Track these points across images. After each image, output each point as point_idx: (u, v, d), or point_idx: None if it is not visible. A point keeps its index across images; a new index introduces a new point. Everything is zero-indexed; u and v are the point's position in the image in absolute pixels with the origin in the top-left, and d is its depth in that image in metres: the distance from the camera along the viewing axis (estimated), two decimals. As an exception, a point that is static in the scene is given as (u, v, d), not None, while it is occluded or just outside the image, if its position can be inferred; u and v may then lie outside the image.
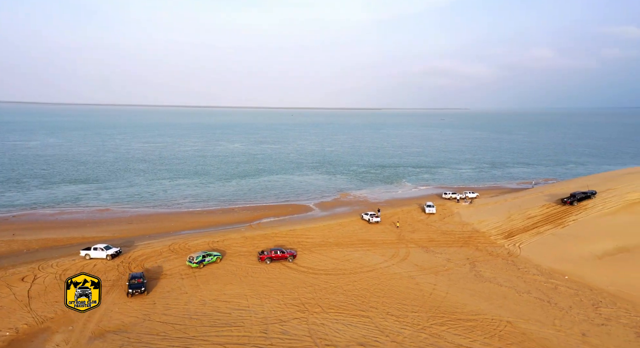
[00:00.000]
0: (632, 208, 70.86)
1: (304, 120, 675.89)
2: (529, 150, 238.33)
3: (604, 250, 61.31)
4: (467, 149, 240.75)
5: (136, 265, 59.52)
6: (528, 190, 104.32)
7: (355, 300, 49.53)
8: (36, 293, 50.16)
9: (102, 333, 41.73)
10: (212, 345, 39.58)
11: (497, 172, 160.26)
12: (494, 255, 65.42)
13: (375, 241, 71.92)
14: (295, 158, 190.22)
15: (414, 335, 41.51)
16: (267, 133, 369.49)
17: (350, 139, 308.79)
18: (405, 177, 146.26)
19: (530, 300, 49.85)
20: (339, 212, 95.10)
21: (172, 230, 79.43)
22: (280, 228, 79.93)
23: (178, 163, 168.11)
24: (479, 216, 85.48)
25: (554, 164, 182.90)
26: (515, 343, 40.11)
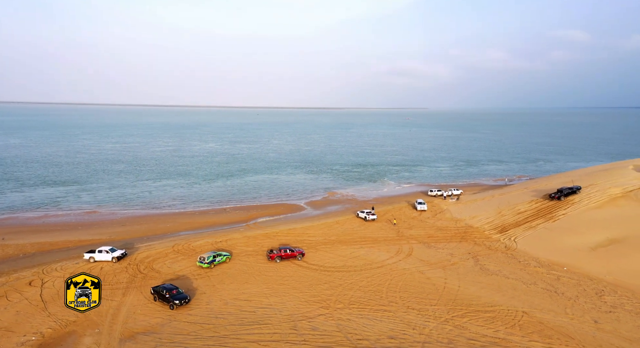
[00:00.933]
0: (616, 202, 75.04)
1: (272, 119, 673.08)
2: (498, 148, 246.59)
3: (597, 242, 64.83)
4: (441, 148, 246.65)
5: (145, 267, 58.55)
6: (512, 186, 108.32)
7: (374, 295, 50.57)
8: (50, 297, 48.73)
9: (132, 334, 41.12)
10: (246, 343, 39.71)
11: (472, 169, 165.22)
12: (492, 249, 67.95)
13: (376, 239, 73.24)
14: (275, 158, 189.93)
15: (439, 328, 42.88)
16: (239, 132, 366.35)
17: (324, 138, 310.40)
18: (387, 175, 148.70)
19: (538, 291, 52.24)
20: (331, 210, 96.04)
21: (170, 231, 78.25)
22: (279, 227, 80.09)
23: (157, 164, 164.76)
24: (469, 212, 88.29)
25: (524, 161, 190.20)
26: (535, 332, 42.11)
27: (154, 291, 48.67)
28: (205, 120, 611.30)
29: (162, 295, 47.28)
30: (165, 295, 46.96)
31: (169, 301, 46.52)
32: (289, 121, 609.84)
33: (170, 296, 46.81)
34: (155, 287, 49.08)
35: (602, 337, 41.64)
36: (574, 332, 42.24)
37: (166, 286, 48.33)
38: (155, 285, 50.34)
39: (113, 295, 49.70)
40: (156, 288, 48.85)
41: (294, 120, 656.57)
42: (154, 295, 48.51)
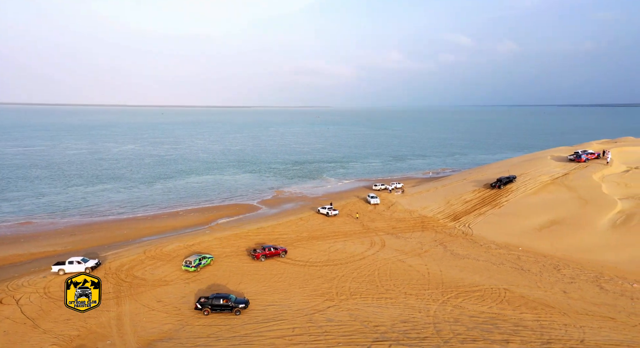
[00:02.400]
0: (547, 188, 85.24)
1: (182, 119, 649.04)
2: (416, 144, 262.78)
3: (540, 224, 73.53)
4: (365, 145, 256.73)
5: (125, 275, 55.86)
6: (450, 178, 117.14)
7: (369, 285, 53.30)
8: (34, 313, 45.13)
9: (149, 343, 39.85)
10: (272, 339, 40.34)
11: (401, 164, 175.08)
12: (453, 236, 74.04)
13: (346, 232, 76.08)
14: (209, 158, 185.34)
15: (441, 309, 46.74)
16: (154, 132, 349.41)
17: (248, 137, 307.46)
18: (325, 172, 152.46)
19: (508, 270, 58.52)
20: (288, 208, 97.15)
21: (131, 238, 74.47)
22: (245, 227, 79.78)
23: (79, 168, 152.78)
24: (419, 204, 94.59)
25: (444, 155, 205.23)
26: (522, 305, 47.59)
27: (207, 305, 45.29)
28: (109, 120, 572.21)
29: (220, 306, 45.01)
30: (228, 304, 45.07)
31: (233, 309, 45.03)
32: (202, 121, 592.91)
33: (234, 304, 45.27)
34: (206, 300, 45.70)
35: (574, 303, 48.23)
36: (551, 302, 48.39)
37: (219, 295, 46.10)
38: (202, 297, 46.58)
39: (106, 305, 47.04)
40: (207, 301, 45.59)
41: (207, 119, 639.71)
42: (205, 308, 45.21)
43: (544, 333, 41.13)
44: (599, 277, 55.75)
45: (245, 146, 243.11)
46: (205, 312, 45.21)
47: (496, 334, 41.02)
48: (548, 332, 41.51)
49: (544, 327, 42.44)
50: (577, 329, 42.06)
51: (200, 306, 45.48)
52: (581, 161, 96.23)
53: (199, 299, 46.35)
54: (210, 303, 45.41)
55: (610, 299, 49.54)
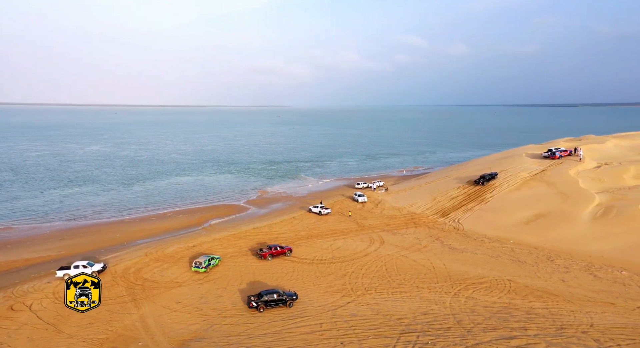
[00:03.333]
0: (528, 184, 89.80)
1: (138, 118, 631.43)
2: (385, 143, 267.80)
3: (527, 218, 77.53)
4: (335, 144, 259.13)
5: (135, 278, 55.03)
6: (430, 176, 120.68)
7: (381, 280, 54.84)
8: (53, 318, 43.97)
9: (182, 342, 39.88)
10: (303, 335, 41.09)
11: (375, 163, 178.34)
12: (446, 231, 76.86)
13: (342, 230, 77.41)
14: (181, 159, 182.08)
15: (455, 300, 48.87)
16: (116, 133, 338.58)
17: (217, 138, 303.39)
18: (302, 171, 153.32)
19: (506, 262, 61.59)
20: (278, 208, 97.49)
21: (126, 241, 72.96)
22: (241, 227, 79.71)
23: (47, 171, 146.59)
24: (406, 201, 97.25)
25: (414, 153, 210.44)
26: (528, 294, 50.44)
27: (261, 302, 46.11)
28: (59, 120, 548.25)
29: (275, 300, 46.31)
30: (282, 298, 46.66)
31: (286, 302, 46.74)
32: (160, 121, 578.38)
33: (286, 297, 46.95)
34: (258, 297, 46.51)
35: (574, 291, 51.57)
36: (554, 291, 51.54)
37: (271, 290, 47.19)
38: (252, 296, 47.40)
39: (126, 308, 46.53)
40: (260, 298, 46.38)
41: (165, 119, 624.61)
42: (260, 305, 46.00)
43: (556, 320, 43.90)
44: (590, 266, 59.66)
45: (216, 146, 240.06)
46: (260, 309, 46.06)
47: (512, 322, 43.40)
48: (559, 318, 44.32)
49: (554, 314, 45.25)
50: (584, 315, 45.11)
51: (255, 304, 46.03)
52: (555, 158, 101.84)
53: (250, 298, 46.93)
54: (265, 300, 46.22)
55: (605, 286, 53.24)
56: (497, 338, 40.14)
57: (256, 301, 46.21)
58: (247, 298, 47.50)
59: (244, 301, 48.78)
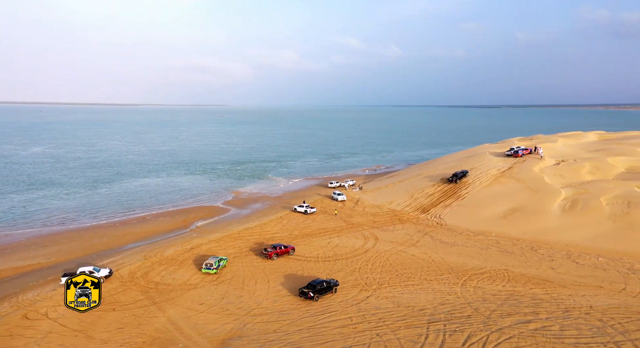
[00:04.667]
0: (499, 181, 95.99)
1: (68, 118, 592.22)
2: (341, 142, 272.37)
3: (503, 212, 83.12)
4: (293, 143, 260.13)
5: (146, 281, 53.85)
6: (401, 174, 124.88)
7: (389, 274, 57.21)
8: (78, 326, 42.50)
9: (221, 341, 40.23)
10: (337, 329, 42.41)
11: (337, 162, 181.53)
12: (432, 226, 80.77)
13: (334, 229, 79.15)
14: (140, 160, 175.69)
15: (465, 290, 52.16)
16: (51, 133, 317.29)
17: (168, 138, 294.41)
18: (268, 171, 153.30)
19: (496, 253, 66.09)
20: (259, 208, 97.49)
21: (116, 246, 70.65)
22: (231, 228, 79.42)
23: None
24: (383, 199, 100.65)
25: (372, 152, 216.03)
26: (527, 282, 54.74)
27: (316, 291, 49.00)
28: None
29: (324, 288, 49.86)
30: (330, 286, 50.69)
31: (332, 288, 50.71)
32: (97, 120, 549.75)
33: (332, 284, 51.10)
34: (312, 288, 49.31)
35: (565, 277, 56.61)
36: (548, 277, 56.30)
37: (317, 280, 50.71)
38: (303, 288, 49.95)
39: (149, 311, 45.86)
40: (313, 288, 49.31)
41: (99, 118, 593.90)
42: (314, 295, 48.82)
43: (559, 304, 48.17)
44: (570, 254, 65.46)
45: (172, 147, 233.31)
46: (316, 298, 48.85)
47: (523, 308, 47.17)
48: (561, 302, 48.65)
49: (556, 299, 49.60)
50: (581, 298, 49.82)
51: (312, 294, 48.68)
52: (518, 156, 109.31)
53: (303, 290, 49.53)
54: (318, 289, 49.17)
55: (589, 271, 58.82)
56: (515, 322, 43.55)
57: (312, 291, 48.78)
58: (299, 290, 50.03)
59: (267, 299, 49.28)
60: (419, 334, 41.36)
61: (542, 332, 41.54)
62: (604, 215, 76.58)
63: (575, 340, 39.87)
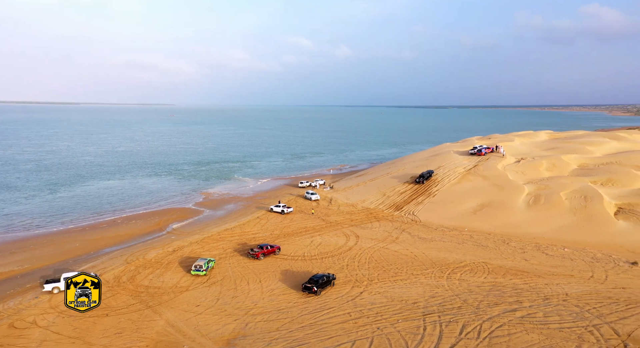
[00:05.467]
0: (467, 178, 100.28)
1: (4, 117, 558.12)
2: (302, 142, 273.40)
3: (473, 208, 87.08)
4: (254, 143, 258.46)
5: (134, 285, 52.64)
6: (369, 172, 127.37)
7: (377, 270, 58.82)
8: (73, 333, 41.48)
9: (227, 342, 40.25)
10: (338, 324, 43.44)
11: (302, 162, 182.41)
12: (407, 223, 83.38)
13: (313, 228, 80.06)
14: (97, 162, 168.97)
15: (450, 283, 54.54)
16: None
17: (122, 138, 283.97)
18: (234, 172, 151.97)
19: (472, 247, 69.31)
20: (234, 209, 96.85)
21: (93, 250, 68.47)
22: (210, 229, 78.69)
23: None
24: (356, 197, 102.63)
25: (335, 152, 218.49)
26: (506, 273, 57.92)
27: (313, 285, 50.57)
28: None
29: (325, 282, 51.75)
30: (329, 280, 52.67)
31: (331, 282, 52.86)
32: (37, 119, 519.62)
33: (330, 279, 52.96)
34: (315, 283, 50.90)
35: (538, 268, 60.34)
36: (523, 268, 59.81)
37: (319, 275, 52.48)
38: (306, 283, 51.39)
39: (146, 315, 45.14)
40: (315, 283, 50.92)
41: (41, 118, 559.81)
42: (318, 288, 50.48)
43: (539, 292, 51.50)
44: (539, 246, 69.70)
45: (128, 147, 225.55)
46: (319, 292, 50.59)
47: (507, 297, 50.09)
48: (540, 290, 52.00)
49: (534, 288, 52.96)
50: (556, 286, 53.44)
51: (316, 288, 50.35)
52: (482, 155, 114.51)
53: (306, 285, 50.96)
54: (320, 283, 51.01)
55: (558, 261, 62.98)
56: (503, 311, 46.29)
57: (316, 285, 50.45)
58: (303, 286, 51.34)
59: (263, 299, 49.58)
60: (417, 326, 43.15)
61: (529, 319, 44.42)
62: (565, 209, 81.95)
63: (559, 325, 42.91)
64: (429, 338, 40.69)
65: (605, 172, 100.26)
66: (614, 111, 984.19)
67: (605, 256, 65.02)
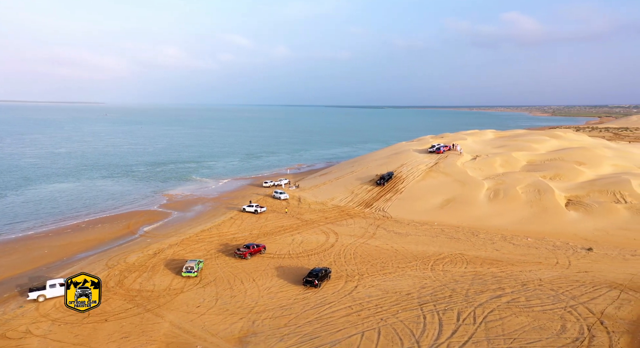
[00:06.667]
0: (430, 175, 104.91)
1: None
2: (254, 142, 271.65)
3: (439, 203, 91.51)
4: (207, 143, 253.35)
5: (125, 289, 51.24)
6: (333, 171, 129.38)
7: (365, 265, 60.76)
8: (75, 340, 40.09)
9: (239, 340, 40.60)
10: (342, 318, 44.90)
11: (258, 162, 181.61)
12: (381, 219, 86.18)
13: (291, 226, 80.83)
14: (41, 163, 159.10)
15: (436, 274, 57.62)
16: None
17: (61, 139, 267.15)
18: (191, 172, 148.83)
19: (446, 240, 73.13)
20: (203, 210, 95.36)
21: (65, 256, 65.50)
22: (185, 231, 77.46)
23: None
24: (324, 196, 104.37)
25: (289, 151, 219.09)
26: (483, 263, 61.91)
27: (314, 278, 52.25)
28: None
29: (324, 275, 53.84)
30: (327, 273, 55.05)
31: (328, 275, 55.21)
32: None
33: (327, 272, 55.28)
34: (316, 276, 52.52)
35: (509, 257, 64.93)
36: (497, 258, 64.15)
37: (318, 269, 54.51)
38: (307, 277, 52.86)
39: (148, 319, 44.27)
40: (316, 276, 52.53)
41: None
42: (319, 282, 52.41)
43: (516, 279, 55.69)
44: (505, 237, 74.76)
45: (70, 148, 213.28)
46: (320, 285, 52.59)
47: (490, 285, 53.78)
48: (517, 277, 56.26)
49: (511, 275, 57.18)
50: (529, 273, 58.00)
51: (317, 281, 52.16)
52: (440, 153, 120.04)
53: (307, 280, 52.53)
54: (320, 277, 52.94)
55: (525, 250, 68.02)
56: (490, 298, 49.83)
57: (317, 279, 52.22)
58: (304, 280, 52.85)
59: (261, 298, 49.99)
60: (417, 315, 45.56)
61: (514, 303, 48.22)
62: (522, 202, 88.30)
63: (541, 308, 46.97)
64: (430, 326, 43.14)
65: (552, 167, 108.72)
66: (534, 112, 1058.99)
67: (563, 244, 70.91)
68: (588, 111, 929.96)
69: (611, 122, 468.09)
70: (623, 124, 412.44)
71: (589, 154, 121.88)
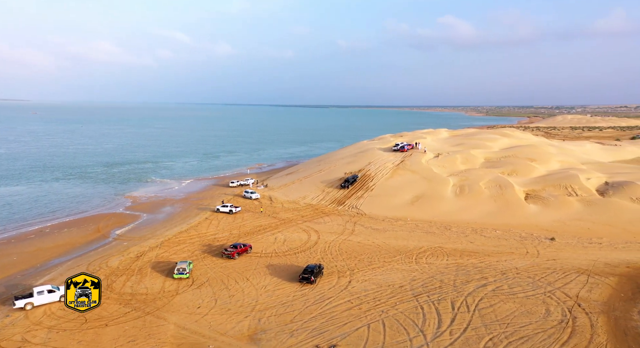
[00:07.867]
0: (398, 173, 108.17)
1: None
2: (208, 141, 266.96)
3: (410, 200, 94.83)
4: (159, 143, 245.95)
5: (118, 294, 49.79)
6: (299, 170, 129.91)
7: (353, 261, 62.29)
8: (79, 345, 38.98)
9: (249, 337, 40.89)
10: (344, 311, 46.21)
11: (217, 161, 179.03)
12: (356, 216, 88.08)
13: (270, 225, 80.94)
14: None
15: (422, 267, 60.17)
16: None
17: (3, 141, 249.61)
18: (149, 174, 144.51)
19: (423, 235, 76.14)
20: (174, 212, 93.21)
21: (39, 263, 62.46)
22: (161, 232, 75.92)
23: None
24: (295, 195, 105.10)
25: (247, 151, 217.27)
26: (462, 255, 65.23)
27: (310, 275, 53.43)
28: None
29: (318, 271, 55.17)
30: (321, 270, 56.43)
31: (321, 272, 56.38)
32: None
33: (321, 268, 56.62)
34: (311, 273, 53.75)
35: (484, 248, 68.81)
36: (473, 250, 67.79)
37: (312, 266, 55.68)
38: (303, 274, 53.90)
39: (151, 322, 43.63)
40: (312, 273, 53.83)
41: None
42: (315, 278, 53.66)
43: (495, 268, 59.34)
44: (475, 230, 78.92)
45: (10, 149, 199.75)
46: (315, 280, 53.90)
47: (473, 275, 56.99)
48: (495, 267, 59.95)
49: (490, 265, 60.78)
50: (505, 262, 61.90)
51: (314, 277, 53.42)
52: (405, 151, 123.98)
53: (303, 276, 53.63)
54: (315, 273, 54.46)
55: (496, 242, 72.27)
56: (477, 287, 52.92)
57: (312, 275, 53.48)
58: (300, 277, 53.70)
59: (260, 296, 50.23)
60: (415, 306, 47.69)
61: (499, 291, 51.57)
62: (486, 197, 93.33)
63: (524, 294, 50.56)
64: (430, 316, 45.36)
65: (508, 164, 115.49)
66: (469, 112, 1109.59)
67: (528, 235, 75.88)
68: (517, 111, 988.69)
69: (539, 122, 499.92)
70: (550, 123, 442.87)
71: (537, 151, 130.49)
